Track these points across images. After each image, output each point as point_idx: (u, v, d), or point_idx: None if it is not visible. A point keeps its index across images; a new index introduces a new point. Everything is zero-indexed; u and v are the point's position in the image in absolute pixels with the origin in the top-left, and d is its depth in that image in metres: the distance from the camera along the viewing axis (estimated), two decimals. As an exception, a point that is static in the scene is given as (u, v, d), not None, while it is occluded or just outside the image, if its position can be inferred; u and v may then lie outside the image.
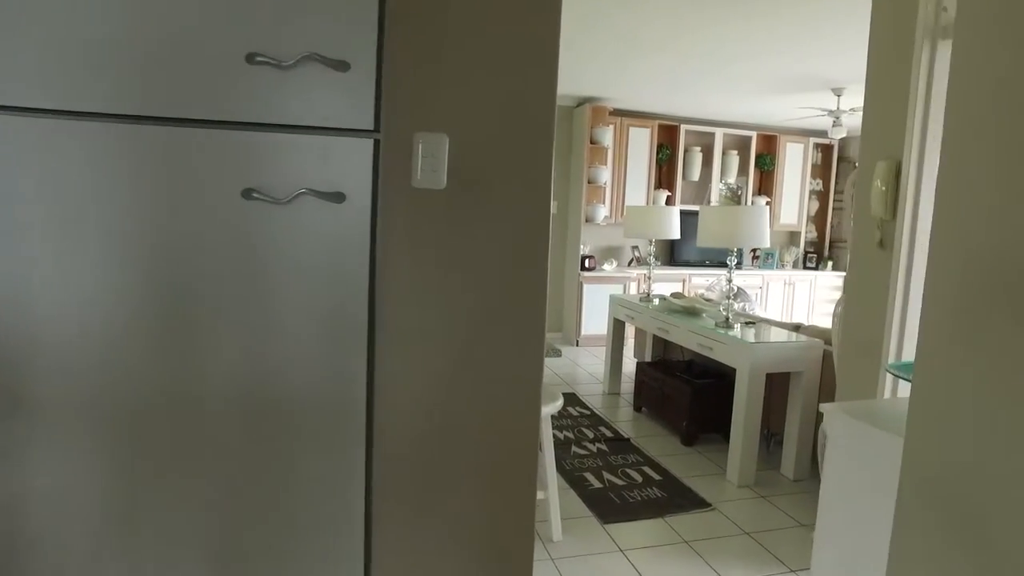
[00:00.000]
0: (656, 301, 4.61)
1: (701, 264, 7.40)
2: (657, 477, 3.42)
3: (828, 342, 3.46)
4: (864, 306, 2.50)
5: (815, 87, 5.38)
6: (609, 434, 4.07)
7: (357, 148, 1.25)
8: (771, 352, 3.28)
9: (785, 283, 7.64)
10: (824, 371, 3.39)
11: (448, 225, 1.48)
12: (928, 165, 2.30)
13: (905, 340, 2.38)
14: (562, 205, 7.12)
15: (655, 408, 4.33)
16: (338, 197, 1.25)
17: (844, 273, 7.88)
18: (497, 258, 1.52)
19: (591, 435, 4.04)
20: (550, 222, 1.56)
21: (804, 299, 7.75)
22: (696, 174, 7.44)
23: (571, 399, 4.82)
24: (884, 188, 2.35)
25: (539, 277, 1.56)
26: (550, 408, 2.54)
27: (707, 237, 3.57)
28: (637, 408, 4.59)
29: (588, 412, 4.51)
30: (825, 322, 8.53)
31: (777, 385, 3.62)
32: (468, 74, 1.46)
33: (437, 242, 1.48)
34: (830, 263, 7.97)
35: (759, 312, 5.22)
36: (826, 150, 7.98)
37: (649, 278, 4.64)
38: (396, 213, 1.44)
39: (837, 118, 5.55)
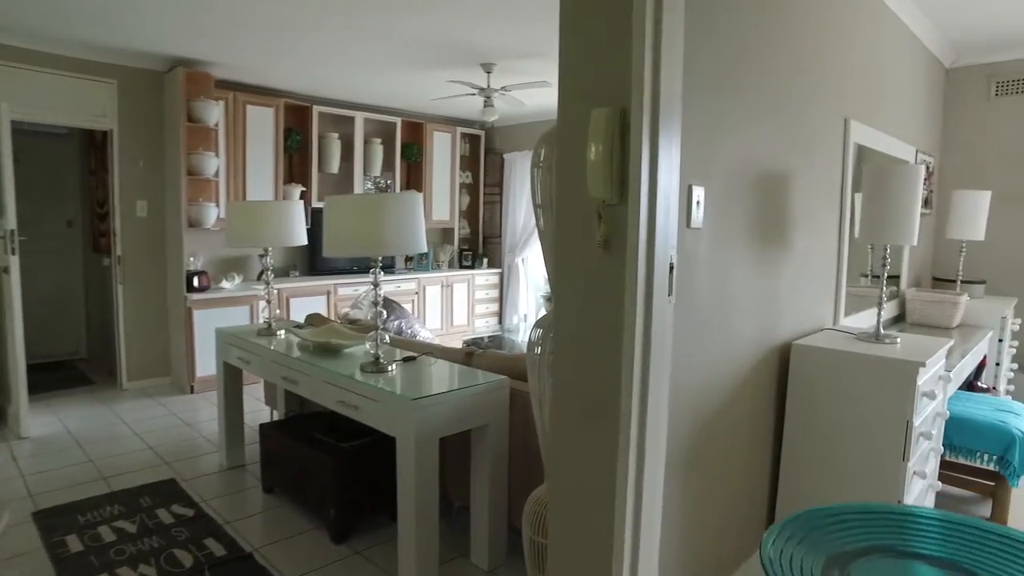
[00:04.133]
0: (281, 334, 3.26)
1: (349, 271, 6.24)
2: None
3: (515, 376, 2.59)
4: (584, 344, 1.59)
5: (463, 60, 4.64)
6: (220, 551, 2.61)
7: None
8: (443, 408, 2.25)
9: (443, 285, 6.97)
10: (515, 413, 2.50)
11: None
12: (667, 113, 1.45)
13: (651, 397, 1.52)
14: (155, 205, 5.19)
15: (291, 487, 3.00)
16: None
17: (500, 270, 7.61)
18: None
19: (189, 561, 2.53)
20: None
21: (463, 301, 7.20)
22: (335, 166, 6.24)
23: (163, 491, 3.17)
24: (603, 153, 1.44)
25: None
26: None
27: (339, 241, 2.37)
28: (268, 489, 3.19)
29: (190, 513, 2.95)
30: (486, 325, 8.29)
31: (455, 442, 2.64)
32: None
33: None
34: (485, 260, 7.59)
35: (419, 330, 4.26)
36: (474, 140, 7.56)
37: (269, 301, 3.26)
38: None
39: (488, 98, 4.92)
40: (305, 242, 3.27)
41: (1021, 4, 3.45)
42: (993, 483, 3.01)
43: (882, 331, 2.41)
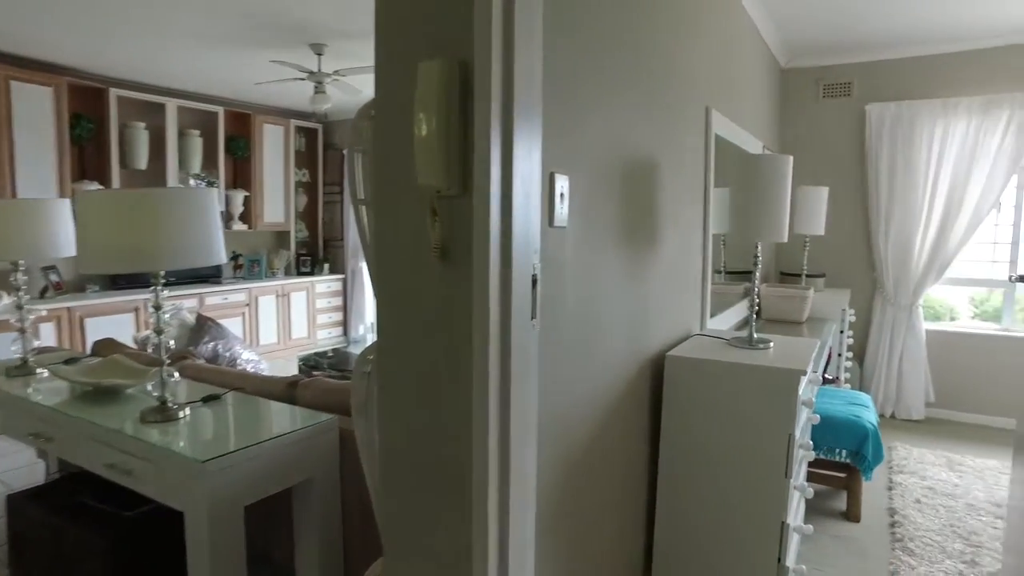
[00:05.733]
0: (43, 372, 2.52)
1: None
2: None
3: (348, 411, 2.11)
4: (418, 387, 1.17)
5: (289, 39, 4.03)
6: None
7: None
8: (249, 467, 1.73)
9: (278, 295, 6.22)
10: (349, 460, 2.03)
11: None
12: (525, 70, 1.07)
13: (515, 451, 1.13)
14: None
15: None
16: None
17: (343, 276, 6.97)
18: None
19: None
20: None
21: (303, 312, 6.49)
22: (143, 161, 5.31)
23: None
24: (437, 125, 1.03)
25: None
26: None
27: (97, 252, 1.76)
28: (26, 576, 2.43)
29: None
30: (329, 336, 7.47)
31: (272, 499, 2.11)
32: None
33: None
34: (327, 265, 6.92)
35: (240, 351, 3.60)
36: (311, 135, 6.86)
37: (23, 331, 2.50)
38: None
39: (319, 84, 4.34)
40: (72, 253, 2.55)
41: (843, 16, 3.54)
42: (844, 475, 3.01)
43: (755, 335, 2.23)
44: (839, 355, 4.04)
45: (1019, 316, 4.47)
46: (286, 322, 6.29)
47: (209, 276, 5.71)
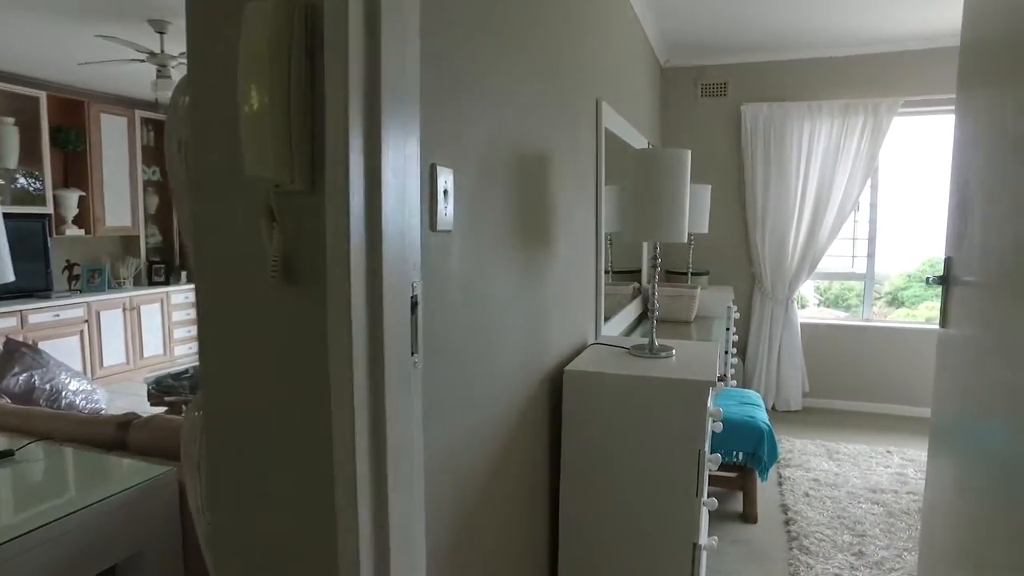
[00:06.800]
0: None
1: (5, 296, 4.51)
2: None
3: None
4: (259, 451, 0.87)
5: (126, 13, 3.46)
6: None
7: None
8: (41, 556, 1.32)
9: (126, 308, 5.48)
10: (192, 526, 1.65)
11: None
12: (395, 18, 0.80)
13: (396, 528, 0.86)
14: None
15: None
16: None
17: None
18: None
19: None
20: None
21: (157, 326, 5.77)
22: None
23: None
24: (273, 95, 0.74)
25: None
26: None
27: None
28: None
29: None
30: (190, 351, 6.60)
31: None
32: None
33: None
34: (183, 274, 6.21)
35: (67, 381, 3.02)
36: (160, 128, 6.12)
37: None
38: None
39: (163, 67, 3.78)
40: None
41: (718, 19, 3.55)
42: (737, 475, 2.98)
43: (656, 342, 2.09)
44: (726, 352, 4.08)
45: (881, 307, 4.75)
46: (136, 339, 5.56)
47: (34, 290, 4.89)
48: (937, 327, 1.96)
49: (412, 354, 0.88)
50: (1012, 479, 1.43)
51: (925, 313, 6.67)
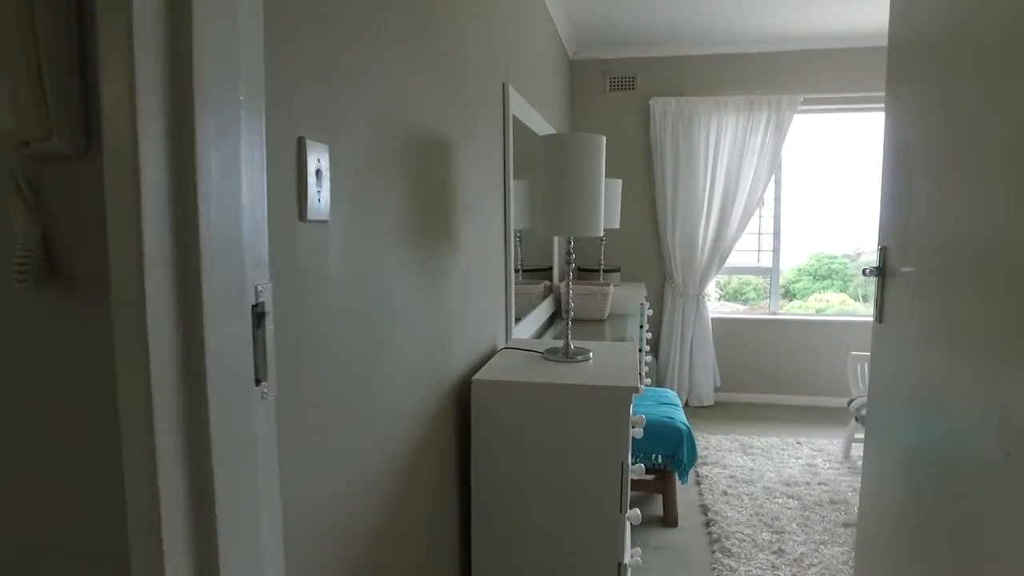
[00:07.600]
0: None
1: None
2: None
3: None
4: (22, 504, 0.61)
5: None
6: None
7: None
8: None
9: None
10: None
11: None
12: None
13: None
14: None
15: None
16: None
17: None
18: None
19: None
20: None
21: None
22: None
23: None
24: (13, 11, 0.49)
25: None
26: None
27: None
28: None
29: None
30: None
31: None
32: None
33: None
34: None
35: None
36: None
37: None
38: None
39: None
40: None
41: (624, 12, 3.49)
42: (653, 477, 2.88)
43: (571, 345, 1.92)
44: (640, 351, 4.02)
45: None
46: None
47: None
48: (843, 318, 1.91)
49: (258, 383, 0.65)
50: (950, 470, 1.36)
51: (815, 305, 6.98)
